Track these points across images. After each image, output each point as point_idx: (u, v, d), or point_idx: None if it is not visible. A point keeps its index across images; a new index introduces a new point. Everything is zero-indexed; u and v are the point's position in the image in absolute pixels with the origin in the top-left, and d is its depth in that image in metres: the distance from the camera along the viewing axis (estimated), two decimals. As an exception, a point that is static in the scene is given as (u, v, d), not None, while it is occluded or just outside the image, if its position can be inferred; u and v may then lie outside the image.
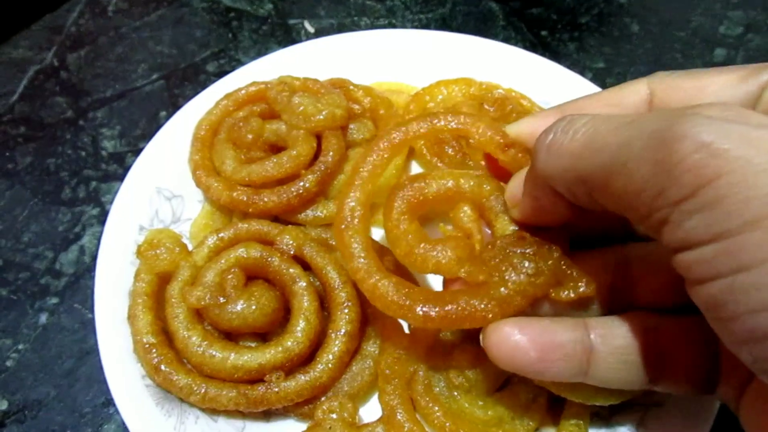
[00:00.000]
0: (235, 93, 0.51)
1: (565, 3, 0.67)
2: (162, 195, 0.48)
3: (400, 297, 0.34)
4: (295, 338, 0.39)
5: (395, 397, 0.38)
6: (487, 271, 0.33)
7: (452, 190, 0.37)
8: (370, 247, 0.36)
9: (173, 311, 0.40)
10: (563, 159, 0.26)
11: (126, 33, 0.65)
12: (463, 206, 0.37)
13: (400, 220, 0.36)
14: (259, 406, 0.38)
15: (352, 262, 0.35)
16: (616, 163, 0.23)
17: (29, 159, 0.55)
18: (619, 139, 0.23)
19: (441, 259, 0.34)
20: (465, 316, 0.32)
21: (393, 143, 0.37)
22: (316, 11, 0.67)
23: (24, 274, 0.49)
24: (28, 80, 0.61)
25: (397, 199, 0.36)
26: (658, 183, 0.21)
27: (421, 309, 0.33)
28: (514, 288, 0.32)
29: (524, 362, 0.30)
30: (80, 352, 0.45)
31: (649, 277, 0.33)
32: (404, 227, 0.36)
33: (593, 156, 0.24)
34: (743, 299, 0.20)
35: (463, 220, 0.36)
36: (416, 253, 0.35)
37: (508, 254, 0.33)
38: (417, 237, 0.35)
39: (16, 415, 0.43)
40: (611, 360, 0.30)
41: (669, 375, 0.30)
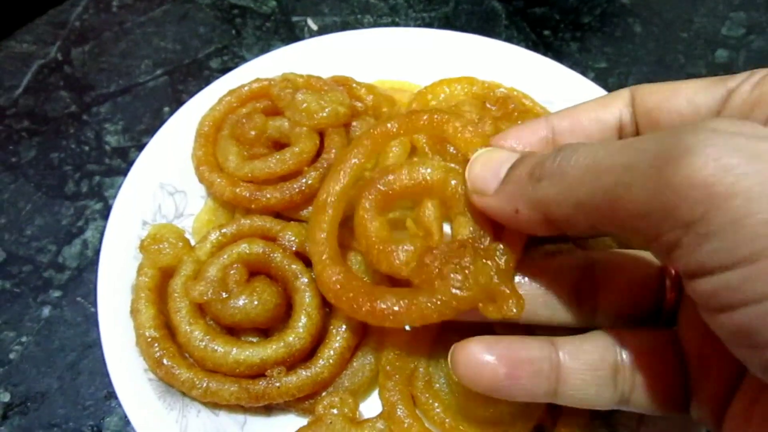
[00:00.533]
0: (239, 89, 0.51)
1: (568, 3, 0.68)
2: (165, 190, 0.48)
3: (337, 284, 0.35)
4: (297, 334, 0.40)
5: (396, 393, 0.38)
6: (421, 275, 0.33)
7: (420, 185, 0.36)
8: (335, 237, 0.37)
9: (176, 306, 0.41)
10: (563, 186, 0.25)
11: (130, 28, 0.65)
12: (428, 203, 0.36)
13: (366, 216, 0.36)
14: (260, 400, 0.39)
15: (312, 247, 0.36)
16: (620, 185, 0.22)
17: (33, 153, 0.56)
18: (622, 161, 0.23)
19: (394, 260, 0.34)
20: (385, 316, 0.32)
21: (374, 138, 0.38)
22: (320, 8, 0.67)
23: (27, 267, 0.49)
24: (32, 74, 0.61)
25: (366, 194, 0.36)
26: (665, 203, 0.21)
27: (349, 300, 0.34)
28: (439, 299, 0.32)
29: (493, 380, 0.30)
30: (83, 345, 0.46)
31: (611, 284, 0.33)
32: (370, 224, 0.36)
33: (595, 181, 0.24)
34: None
35: (425, 219, 0.36)
36: (375, 253, 0.35)
37: (444, 262, 0.32)
38: (380, 235, 0.36)
39: (19, 407, 0.43)
40: (580, 377, 0.30)
41: (639, 392, 0.30)
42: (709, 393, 0.28)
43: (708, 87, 0.28)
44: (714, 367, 0.27)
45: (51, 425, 0.42)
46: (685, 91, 0.29)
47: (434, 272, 0.32)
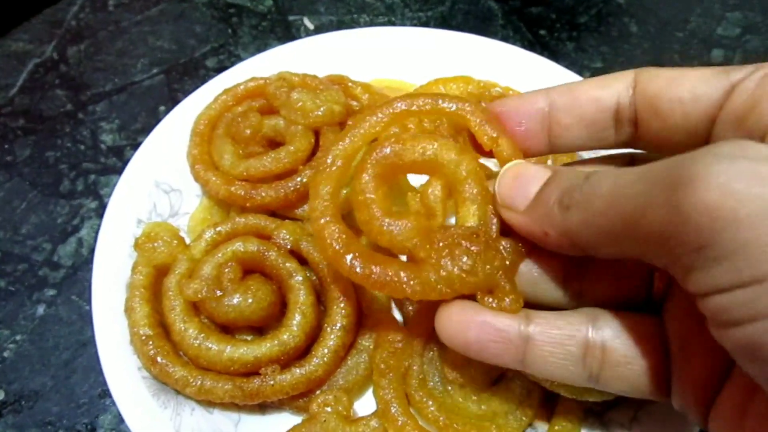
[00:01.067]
0: (234, 88, 0.51)
1: (564, 2, 0.68)
2: (160, 189, 0.48)
3: (337, 242, 0.33)
4: (291, 332, 0.40)
5: (390, 392, 0.38)
6: (429, 250, 0.32)
7: (431, 161, 0.35)
8: (338, 196, 0.35)
9: (170, 304, 0.41)
10: (588, 215, 0.26)
11: (126, 27, 0.65)
12: (435, 183, 0.36)
13: (368, 185, 0.35)
14: (254, 398, 0.39)
15: (314, 202, 0.35)
16: (637, 213, 0.23)
17: (28, 151, 0.56)
18: (638, 189, 0.23)
19: (396, 235, 0.33)
20: (386, 282, 0.32)
21: (395, 112, 0.36)
22: (316, 8, 0.67)
23: (22, 266, 0.49)
24: (28, 73, 0.61)
25: (371, 161, 0.35)
26: (677, 229, 0.21)
27: (350, 260, 0.33)
28: (443, 276, 0.31)
29: (463, 342, 0.31)
30: (77, 343, 0.46)
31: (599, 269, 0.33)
32: (370, 195, 0.35)
33: (615, 210, 0.24)
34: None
35: (430, 198, 0.35)
36: (375, 224, 0.34)
37: (454, 243, 0.32)
38: (381, 207, 0.34)
39: (13, 405, 0.43)
40: (547, 350, 0.30)
41: (610, 372, 0.30)
42: (693, 382, 0.28)
43: (712, 78, 0.28)
44: (698, 356, 0.27)
45: (45, 423, 0.42)
46: (689, 80, 0.29)
47: (443, 251, 0.32)
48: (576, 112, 0.32)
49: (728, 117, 0.28)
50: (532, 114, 0.33)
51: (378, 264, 0.33)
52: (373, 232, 0.34)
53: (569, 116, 0.33)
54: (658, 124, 0.30)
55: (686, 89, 0.29)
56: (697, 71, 0.29)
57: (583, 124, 0.33)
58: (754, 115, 0.26)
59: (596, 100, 0.32)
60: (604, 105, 0.32)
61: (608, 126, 0.32)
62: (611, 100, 0.32)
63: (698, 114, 0.29)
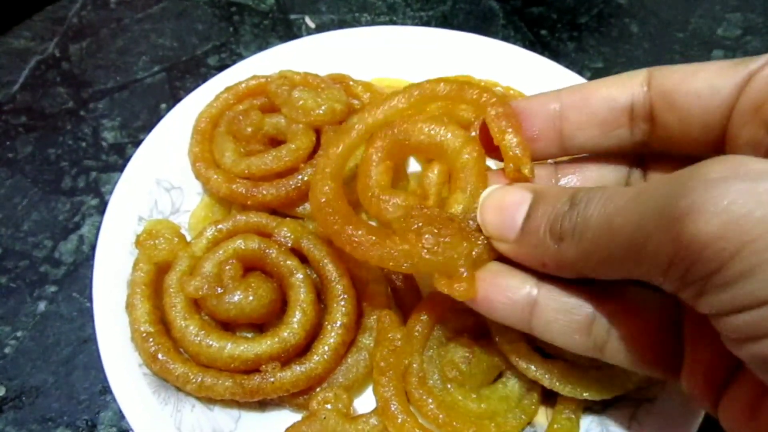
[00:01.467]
0: (236, 86, 0.51)
1: (565, 3, 0.68)
2: (161, 186, 0.48)
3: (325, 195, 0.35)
4: (292, 329, 0.40)
5: (390, 389, 0.39)
6: (402, 223, 0.33)
7: (437, 145, 0.37)
8: (345, 161, 0.37)
9: (171, 301, 0.41)
10: (584, 247, 0.26)
11: (128, 25, 0.65)
12: (435, 168, 0.38)
13: (374, 156, 0.37)
14: (254, 395, 0.39)
15: (320, 159, 0.37)
16: (635, 244, 0.23)
17: (30, 148, 0.56)
18: (631, 220, 0.23)
19: (388, 209, 0.35)
20: (351, 241, 0.33)
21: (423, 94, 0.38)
22: (317, 6, 0.67)
23: (23, 262, 0.49)
24: (29, 70, 0.61)
25: (381, 135, 0.37)
26: (681, 261, 0.22)
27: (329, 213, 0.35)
28: (404, 249, 0.32)
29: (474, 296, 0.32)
30: (78, 340, 0.46)
31: None
32: (375, 167, 0.37)
33: (612, 241, 0.24)
34: None
35: (426, 182, 0.38)
36: (371, 195, 0.36)
37: (427, 222, 0.33)
38: (379, 180, 0.37)
39: (14, 401, 0.43)
40: (552, 315, 0.30)
41: (615, 345, 0.30)
42: (705, 367, 0.28)
43: (728, 69, 0.28)
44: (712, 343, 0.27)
45: (46, 419, 0.42)
46: (705, 73, 0.29)
47: (413, 227, 0.33)
48: (588, 111, 0.32)
49: (744, 106, 0.28)
50: (543, 115, 0.33)
51: (351, 224, 0.34)
52: (366, 200, 0.37)
53: (581, 115, 0.32)
54: (674, 119, 0.30)
55: (703, 82, 0.29)
56: (712, 65, 0.29)
57: (596, 123, 0.32)
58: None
59: (609, 99, 0.32)
60: (617, 103, 0.32)
61: (622, 124, 0.32)
62: (625, 98, 0.31)
63: (716, 106, 0.28)
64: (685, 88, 0.29)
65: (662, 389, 0.40)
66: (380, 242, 0.33)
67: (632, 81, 0.31)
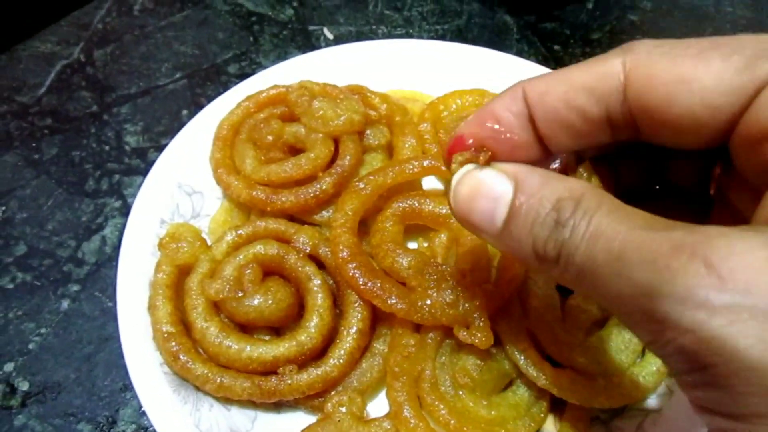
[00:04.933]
0: (257, 95, 0.53)
1: (578, 19, 0.69)
2: (183, 190, 0.50)
3: (347, 250, 0.42)
4: (309, 333, 0.41)
5: (403, 394, 0.40)
6: (420, 280, 0.40)
7: (442, 217, 0.45)
8: (359, 215, 0.44)
9: (192, 303, 0.42)
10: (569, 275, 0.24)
11: (151, 32, 0.67)
12: (442, 234, 0.45)
13: (388, 218, 0.44)
14: (271, 397, 0.40)
15: (337, 213, 0.44)
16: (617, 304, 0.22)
17: (55, 150, 0.57)
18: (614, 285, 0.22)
19: (399, 262, 0.41)
20: (378, 296, 0.40)
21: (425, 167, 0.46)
22: (336, 18, 0.69)
23: (48, 261, 0.51)
24: (55, 74, 0.63)
25: (397, 204, 0.45)
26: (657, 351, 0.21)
27: (353, 268, 0.41)
28: (428, 304, 0.39)
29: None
30: (99, 338, 0.47)
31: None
32: (389, 225, 0.44)
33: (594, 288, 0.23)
34: None
35: (436, 244, 0.45)
36: (384, 247, 0.42)
37: (443, 278, 0.39)
38: (392, 236, 0.43)
39: (37, 396, 0.44)
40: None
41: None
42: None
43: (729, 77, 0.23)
44: None
45: (67, 414, 0.44)
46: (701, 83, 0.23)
47: (431, 283, 0.39)
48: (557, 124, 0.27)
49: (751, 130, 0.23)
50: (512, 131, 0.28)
51: (376, 279, 0.40)
52: (380, 254, 0.42)
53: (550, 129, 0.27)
54: (663, 137, 0.26)
55: (697, 98, 0.23)
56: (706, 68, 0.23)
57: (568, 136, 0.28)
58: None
59: (580, 112, 0.27)
60: (589, 117, 0.27)
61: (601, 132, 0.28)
62: (599, 113, 0.26)
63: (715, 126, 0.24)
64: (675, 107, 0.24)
65: (669, 400, 0.41)
66: (406, 298, 0.39)
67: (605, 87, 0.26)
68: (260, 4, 0.70)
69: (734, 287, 0.19)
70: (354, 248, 0.42)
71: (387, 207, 0.45)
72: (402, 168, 0.45)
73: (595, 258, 0.22)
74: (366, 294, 0.41)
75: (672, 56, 0.25)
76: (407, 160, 0.46)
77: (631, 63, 0.25)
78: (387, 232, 0.44)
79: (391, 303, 0.40)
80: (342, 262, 0.41)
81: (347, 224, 0.43)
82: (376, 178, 0.45)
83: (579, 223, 0.23)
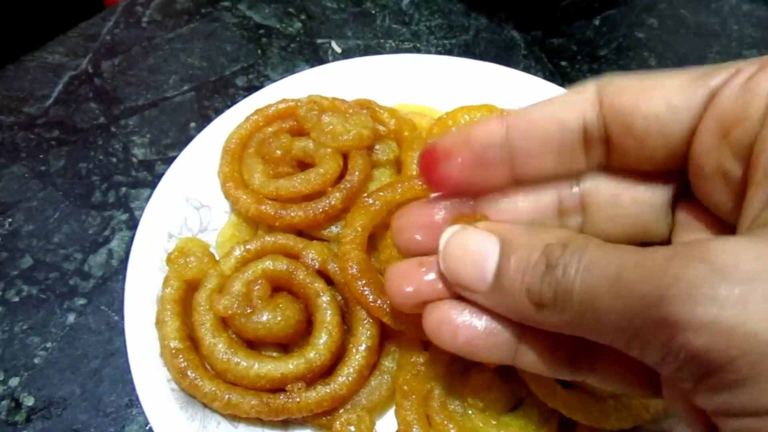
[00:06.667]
0: (266, 109, 0.53)
1: (585, 35, 0.69)
2: (191, 204, 0.50)
3: (356, 267, 0.41)
4: (318, 350, 0.41)
5: (412, 413, 0.39)
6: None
7: None
8: (368, 232, 0.44)
9: (200, 318, 0.42)
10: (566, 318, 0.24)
11: (159, 44, 0.67)
12: None
13: None
14: (279, 414, 0.40)
15: (346, 230, 0.43)
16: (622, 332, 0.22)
17: (62, 162, 0.57)
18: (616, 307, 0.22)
19: None
20: (387, 313, 0.39)
21: None
22: (344, 32, 0.69)
23: (54, 274, 0.50)
24: (63, 85, 0.63)
25: None
26: (670, 364, 0.21)
27: (362, 285, 0.40)
28: None
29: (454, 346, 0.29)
30: (105, 353, 0.47)
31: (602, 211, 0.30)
32: None
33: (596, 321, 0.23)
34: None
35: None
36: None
37: None
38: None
39: (42, 412, 0.44)
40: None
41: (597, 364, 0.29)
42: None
43: (687, 86, 0.25)
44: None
45: (73, 430, 0.43)
46: (661, 90, 0.26)
47: None
48: (538, 138, 0.29)
49: (708, 131, 0.25)
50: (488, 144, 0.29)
51: (385, 296, 0.39)
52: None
53: (532, 144, 0.29)
54: (632, 144, 0.27)
55: (660, 101, 0.25)
56: (667, 79, 0.26)
57: (549, 151, 0.29)
58: (740, 129, 0.24)
59: (558, 122, 0.28)
60: (568, 127, 0.28)
61: (576, 149, 0.29)
62: (576, 121, 0.28)
63: (678, 129, 0.26)
64: (641, 109, 0.26)
65: (678, 422, 0.40)
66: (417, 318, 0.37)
67: (581, 100, 0.28)
68: (268, 17, 0.70)
69: (738, 278, 0.19)
70: (363, 264, 0.42)
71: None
72: (411, 184, 0.45)
73: (593, 288, 0.22)
74: (375, 311, 0.40)
75: (638, 77, 0.27)
76: (416, 176, 0.46)
77: (602, 83, 0.28)
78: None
79: (398, 321, 0.39)
80: (351, 279, 0.41)
81: (356, 240, 0.43)
82: (386, 193, 0.45)
83: (570, 260, 0.23)
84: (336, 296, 0.44)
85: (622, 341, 0.23)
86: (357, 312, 0.42)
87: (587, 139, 0.28)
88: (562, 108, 0.28)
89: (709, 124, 0.25)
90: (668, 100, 0.25)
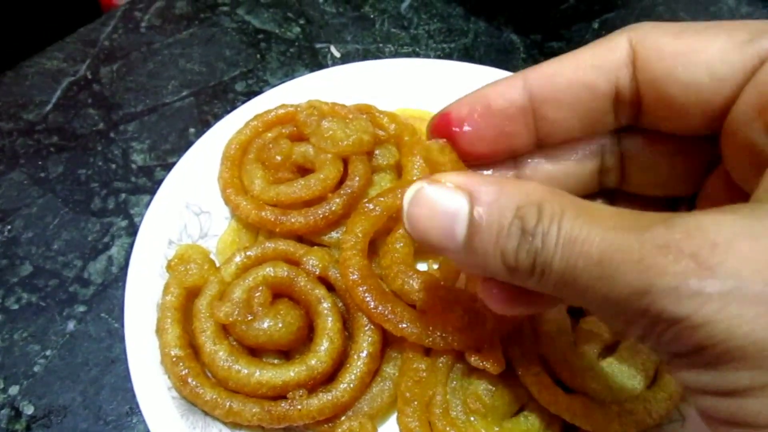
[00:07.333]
0: (265, 114, 0.53)
1: (584, 38, 0.69)
2: (191, 210, 0.50)
3: (357, 273, 0.41)
4: (319, 357, 0.41)
5: (414, 419, 0.39)
6: (430, 305, 0.39)
7: None
8: (368, 237, 0.44)
9: (201, 325, 0.42)
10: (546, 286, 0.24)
11: (158, 49, 0.67)
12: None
13: (398, 239, 0.44)
14: (281, 422, 0.39)
15: (347, 236, 0.43)
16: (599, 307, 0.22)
17: (61, 168, 0.57)
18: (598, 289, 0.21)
19: (410, 284, 0.41)
20: (388, 320, 0.40)
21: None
22: (343, 36, 0.69)
23: (53, 282, 0.50)
24: (62, 91, 0.63)
25: None
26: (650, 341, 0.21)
27: (363, 291, 0.40)
28: (441, 331, 0.39)
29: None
30: (105, 360, 0.47)
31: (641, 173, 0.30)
32: (399, 246, 0.44)
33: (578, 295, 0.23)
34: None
35: (447, 266, 0.44)
36: (394, 269, 0.42)
37: (454, 303, 0.39)
38: (402, 257, 0.43)
39: (43, 420, 0.44)
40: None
41: None
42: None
43: (732, 52, 0.23)
44: None
45: (73, 439, 0.43)
46: (703, 56, 0.24)
47: (442, 308, 0.39)
48: (567, 104, 0.27)
49: (748, 102, 0.23)
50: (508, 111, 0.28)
51: (387, 302, 0.40)
52: (390, 276, 0.42)
53: (559, 110, 0.27)
54: (667, 111, 0.26)
55: (703, 70, 0.24)
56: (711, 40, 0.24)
57: (576, 116, 0.28)
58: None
59: (588, 88, 0.27)
60: (599, 92, 0.27)
61: (607, 112, 0.28)
62: (607, 86, 0.26)
63: (720, 99, 0.24)
64: (681, 78, 0.24)
65: (682, 426, 0.40)
66: (417, 322, 0.39)
67: (613, 61, 0.26)
68: (267, 22, 0.70)
69: (724, 275, 0.19)
70: (364, 270, 0.42)
71: (397, 228, 0.45)
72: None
73: (574, 265, 0.22)
74: (377, 318, 0.40)
75: (676, 32, 0.25)
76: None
77: (636, 39, 0.26)
78: (397, 254, 0.44)
79: (402, 327, 0.39)
80: (352, 285, 0.41)
81: (357, 246, 0.43)
82: (386, 199, 0.45)
83: (548, 230, 0.22)
84: (337, 302, 0.44)
85: (602, 314, 0.23)
86: (358, 318, 0.42)
87: (617, 104, 0.27)
88: (592, 71, 0.27)
89: (749, 94, 0.23)
90: (712, 70, 0.24)
